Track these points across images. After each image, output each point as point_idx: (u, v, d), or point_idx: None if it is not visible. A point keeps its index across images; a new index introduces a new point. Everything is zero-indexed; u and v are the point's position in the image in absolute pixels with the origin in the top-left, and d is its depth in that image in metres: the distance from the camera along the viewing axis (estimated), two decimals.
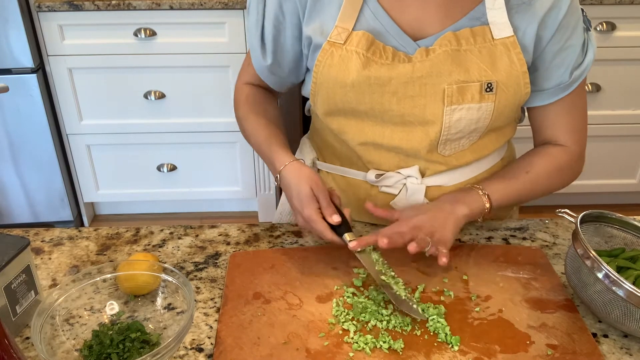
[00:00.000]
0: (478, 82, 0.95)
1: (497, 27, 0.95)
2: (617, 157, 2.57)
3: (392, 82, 0.96)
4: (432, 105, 0.97)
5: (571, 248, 0.90)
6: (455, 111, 0.97)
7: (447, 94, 0.95)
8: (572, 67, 1.01)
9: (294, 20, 1.01)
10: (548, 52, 0.99)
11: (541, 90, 1.03)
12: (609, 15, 2.25)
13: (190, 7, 2.17)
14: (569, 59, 1.00)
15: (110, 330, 0.84)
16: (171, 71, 2.31)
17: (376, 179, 1.06)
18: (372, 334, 0.86)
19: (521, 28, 0.96)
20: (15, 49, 2.17)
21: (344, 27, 0.96)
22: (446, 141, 1.00)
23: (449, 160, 1.04)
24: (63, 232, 1.08)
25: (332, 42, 0.97)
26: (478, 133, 1.01)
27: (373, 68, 0.95)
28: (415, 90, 0.96)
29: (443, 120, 0.97)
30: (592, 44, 1.02)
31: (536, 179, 1.05)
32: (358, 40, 0.95)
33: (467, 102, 0.96)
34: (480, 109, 0.97)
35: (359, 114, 1.01)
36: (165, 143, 2.47)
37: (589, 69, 1.02)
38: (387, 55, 0.96)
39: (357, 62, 0.95)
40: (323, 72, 0.98)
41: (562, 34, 0.97)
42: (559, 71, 1.01)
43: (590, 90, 2.38)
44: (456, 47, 0.95)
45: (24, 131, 2.33)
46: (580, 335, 0.87)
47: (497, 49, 0.95)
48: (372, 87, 0.96)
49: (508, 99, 0.97)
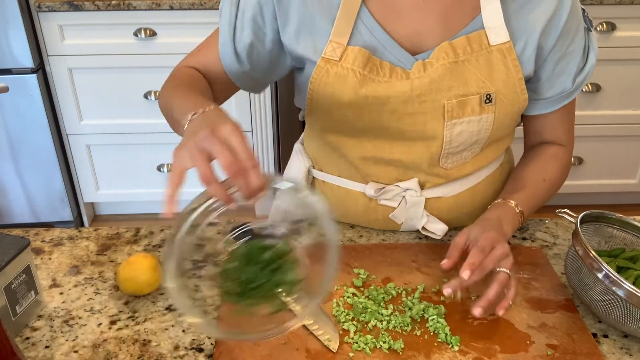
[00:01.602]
0: (477, 95, 0.93)
1: (493, 32, 0.93)
2: (617, 157, 2.57)
3: (391, 101, 0.93)
4: (433, 121, 0.95)
5: (571, 248, 0.90)
6: (455, 125, 0.95)
7: (447, 109, 0.93)
8: (575, 74, 0.99)
9: (274, 25, 0.96)
10: (550, 61, 0.97)
11: (544, 99, 1.02)
12: (609, 15, 2.25)
13: (190, 7, 2.17)
14: (570, 65, 0.99)
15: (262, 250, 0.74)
16: (171, 71, 2.30)
17: (375, 194, 1.04)
18: (372, 334, 0.86)
19: (522, 38, 0.94)
20: (15, 49, 2.17)
21: (339, 42, 0.92)
22: (448, 154, 0.99)
23: (449, 173, 1.03)
24: (63, 232, 1.08)
25: (327, 59, 0.93)
26: (479, 145, 1.00)
27: (370, 87, 0.92)
28: (415, 108, 0.94)
29: (444, 135, 0.96)
30: (593, 47, 1.00)
31: (551, 185, 1.05)
32: (354, 57, 0.92)
33: (467, 115, 0.94)
34: (481, 121, 0.95)
35: (357, 131, 0.98)
36: (165, 143, 2.46)
37: (591, 73, 1.01)
38: (384, 72, 0.93)
39: (354, 80, 0.92)
40: (319, 90, 0.95)
41: (563, 41, 0.96)
42: (562, 79, 0.99)
43: (590, 90, 2.38)
44: (454, 58, 0.92)
45: (24, 131, 2.33)
46: (580, 335, 0.87)
47: (493, 56, 0.93)
48: (370, 106, 0.94)
49: (507, 109, 0.96)
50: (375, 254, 1.02)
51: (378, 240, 1.07)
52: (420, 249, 1.03)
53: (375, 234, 1.08)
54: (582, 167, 2.56)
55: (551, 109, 1.03)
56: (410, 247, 1.04)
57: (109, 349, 0.84)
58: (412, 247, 1.04)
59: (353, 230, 1.09)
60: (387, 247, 1.04)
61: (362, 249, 1.03)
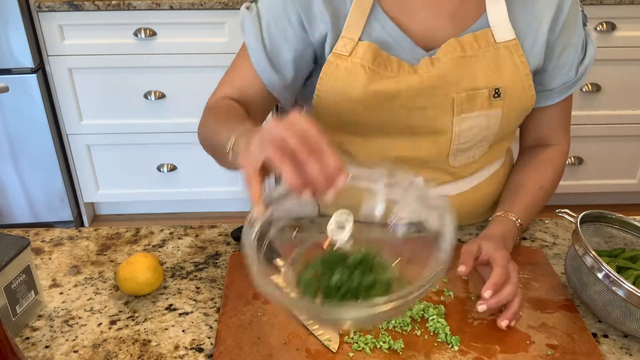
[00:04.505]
0: (486, 89, 0.94)
1: (498, 30, 0.94)
2: (617, 157, 2.56)
3: (401, 95, 0.94)
4: (442, 116, 0.96)
5: (571, 248, 0.90)
6: (464, 120, 0.96)
7: (457, 102, 0.94)
8: (577, 64, 1.01)
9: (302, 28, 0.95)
10: (554, 52, 0.99)
11: (549, 89, 1.03)
12: (609, 15, 2.25)
13: (190, 7, 2.17)
14: (572, 56, 1.01)
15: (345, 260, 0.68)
16: (171, 71, 2.31)
17: None
18: (372, 334, 0.86)
19: (529, 34, 0.95)
20: (15, 49, 2.17)
21: (350, 38, 0.93)
22: (457, 151, 0.99)
23: (457, 172, 1.03)
24: (63, 232, 1.08)
25: (337, 54, 0.94)
26: (487, 142, 1.00)
27: (380, 83, 0.93)
28: (425, 102, 0.94)
29: (453, 130, 0.96)
30: (591, 39, 1.02)
31: (547, 193, 1.06)
32: (363, 52, 0.93)
33: (476, 109, 0.95)
34: (489, 117, 0.96)
35: (365, 127, 0.99)
36: (165, 143, 2.47)
37: (592, 63, 1.03)
38: (392, 68, 0.93)
39: (363, 76, 0.92)
40: (328, 85, 0.95)
41: (565, 33, 0.98)
42: (565, 70, 1.01)
43: (590, 90, 2.38)
44: (461, 53, 0.93)
45: (24, 131, 2.33)
46: (580, 335, 0.87)
47: (500, 53, 0.95)
48: (380, 102, 0.94)
49: (514, 104, 0.97)
50: None
51: None
52: None
53: None
54: (582, 167, 2.57)
55: (555, 101, 1.04)
56: None
57: (109, 349, 0.84)
58: None
59: None
60: None
61: None
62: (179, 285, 0.96)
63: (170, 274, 0.98)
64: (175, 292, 0.94)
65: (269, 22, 0.96)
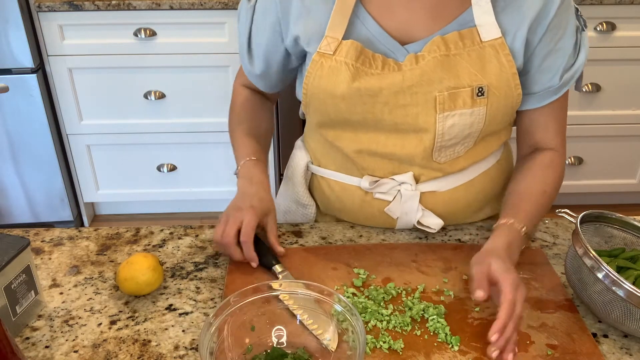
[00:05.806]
0: (469, 87, 0.94)
1: (484, 29, 0.94)
2: (617, 157, 2.57)
3: (383, 93, 0.95)
4: (425, 113, 0.96)
5: (571, 248, 0.90)
6: (447, 118, 0.96)
7: (439, 101, 0.94)
8: (563, 70, 0.99)
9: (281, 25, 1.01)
10: (537, 54, 0.98)
11: (531, 93, 1.01)
12: (609, 15, 2.24)
13: (190, 7, 2.17)
14: (559, 61, 0.98)
15: None
16: (171, 71, 2.31)
17: (370, 186, 1.04)
18: (372, 334, 0.86)
19: (511, 32, 0.95)
20: (15, 49, 2.17)
21: (334, 37, 0.95)
22: (441, 148, 0.99)
23: (444, 167, 1.03)
24: (63, 232, 1.08)
25: (321, 53, 0.96)
26: (472, 138, 1.00)
27: (363, 79, 0.94)
28: (407, 100, 0.95)
29: (436, 128, 0.96)
30: (584, 45, 1.00)
31: (550, 197, 1.04)
32: (347, 50, 0.94)
33: (459, 107, 0.95)
34: (473, 114, 0.96)
35: (352, 123, 1.00)
36: (165, 143, 2.47)
37: (580, 71, 1.01)
38: (376, 64, 0.95)
39: (347, 73, 0.94)
40: (313, 84, 0.97)
41: (551, 36, 0.96)
42: (549, 75, 0.99)
43: (590, 90, 2.38)
44: (445, 52, 0.93)
45: (24, 131, 2.33)
46: (580, 335, 0.87)
47: (485, 52, 0.94)
48: (363, 98, 0.95)
49: (500, 102, 0.97)
50: (375, 254, 1.02)
51: (378, 240, 1.07)
52: (420, 249, 1.04)
53: (375, 233, 1.08)
54: (582, 167, 2.57)
55: (537, 105, 1.03)
56: (410, 247, 1.04)
57: (109, 349, 0.84)
58: (412, 247, 1.04)
59: (353, 230, 1.09)
60: (387, 247, 1.04)
61: (362, 249, 1.04)
62: (179, 285, 0.96)
63: (170, 274, 0.98)
64: (175, 292, 0.94)
65: (257, 15, 1.04)
